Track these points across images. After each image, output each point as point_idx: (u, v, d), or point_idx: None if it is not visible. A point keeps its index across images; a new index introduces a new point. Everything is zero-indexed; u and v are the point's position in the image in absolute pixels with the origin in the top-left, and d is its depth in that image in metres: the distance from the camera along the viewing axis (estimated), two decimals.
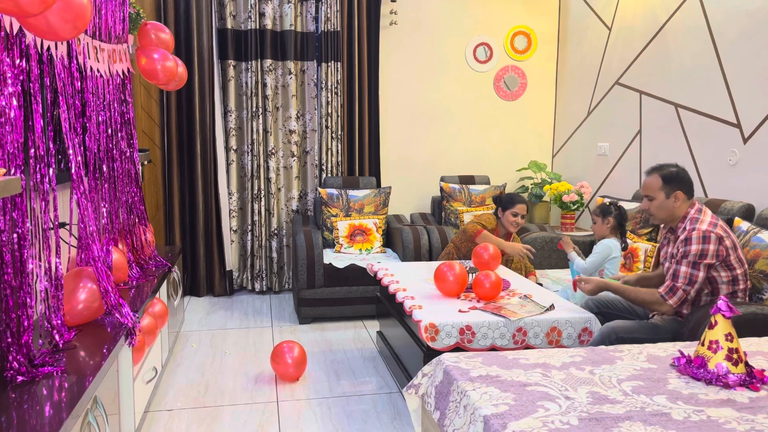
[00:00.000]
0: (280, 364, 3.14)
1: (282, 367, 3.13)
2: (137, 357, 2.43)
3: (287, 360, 3.12)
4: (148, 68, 3.17)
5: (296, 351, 3.16)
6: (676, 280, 2.47)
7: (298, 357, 3.15)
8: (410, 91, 5.17)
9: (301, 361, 3.16)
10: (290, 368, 3.13)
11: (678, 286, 2.46)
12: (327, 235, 4.60)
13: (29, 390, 1.71)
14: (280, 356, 3.14)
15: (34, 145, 1.94)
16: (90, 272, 2.31)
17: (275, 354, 3.16)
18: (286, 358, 3.13)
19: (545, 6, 5.29)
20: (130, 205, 3.17)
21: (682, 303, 2.48)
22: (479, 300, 2.86)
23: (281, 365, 3.13)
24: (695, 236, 2.43)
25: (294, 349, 3.16)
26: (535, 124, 5.43)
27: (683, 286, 2.45)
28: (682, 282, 2.45)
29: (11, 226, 1.81)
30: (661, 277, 2.81)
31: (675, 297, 2.47)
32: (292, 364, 3.12)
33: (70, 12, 1.68)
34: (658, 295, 2.50)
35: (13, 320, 1.82)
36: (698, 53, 3.73)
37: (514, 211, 3.64)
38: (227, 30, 4.62)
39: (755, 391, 1.75)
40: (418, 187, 5.26)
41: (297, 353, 3.15)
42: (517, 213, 3.64)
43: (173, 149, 4.65)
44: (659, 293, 2.50)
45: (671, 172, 2.56)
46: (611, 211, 3.25)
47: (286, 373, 3.14)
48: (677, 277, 2.46)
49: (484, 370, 1.89)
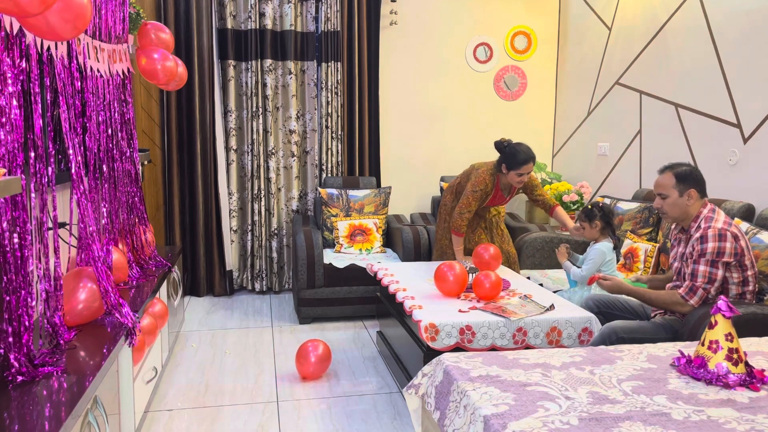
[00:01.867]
0: (304, 365, 3.16)
1: (305, 367, 3.16)
2: (137, 357, 2.43)
3: (311, 359, 3.15)
4: (148, 68, 3.17)
5: (321, 349, 3.18)
6: (696, 280, 2.46)
7: (322, 354, 3.17)
8: (410, 91, 5.16)
9: (325, 358, 3.19)
10: (311, 367, 3.15)
11: (698, 285, 2.45)
12: (327, 235, 4.60)
13: (29, 390, 1.71)
14: (304, 357, 3.16)
15: (34, 145, 1.94)
16: (90, 272, 2.31)
17: (299, 355, 3.18)
18: (310, 357, 3.15)
19: (545, 6, 5.29)
20: (130, 205, 3.17)
21: (703, 302, 2.46)
22: (479, 300, 2.86)
23: (305, 365, 3.15)
24: (711, 234, 2.43)
25: (318, 347, 3.18)
26: (535, 124, 5.43)
27: (703, 285, 2.44)
28: (701, 281, 2.44)
29: (12, 226, 1.81)
30: (668, 279, 2.82)
31: (696, 297, 2.46)
32: (315, 362, 3.15)
33: (70, 12, 1.68)
34: (678, 296, 2.49)
35: (14, 320, 1.82)
36: (698, 53, 3.72)
37: (519, 172, 3.39)
38: (227, 30, 4.62)
39: (755, 391, 1.75)
40: (418, 187, 5.26)
41: (322, 351, 3.18)
42: (522, 173, 3.40)
43: (173, 149, 4.65)
44: (680, 294, 2.49)
45: (684, 171, 2.56)
46: (595, 214, 3.24)
47: (308, 372, 3.16)
48: (696, 276, 2.45)
49: (484, 370, 1.89)
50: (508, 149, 3.42)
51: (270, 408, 2.89)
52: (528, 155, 3.39)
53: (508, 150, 3.42)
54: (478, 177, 3.50)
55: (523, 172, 3.39)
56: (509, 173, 3.43)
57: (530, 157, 3.39)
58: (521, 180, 3.42)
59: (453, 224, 3.52)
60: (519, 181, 3.43)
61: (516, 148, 3.41)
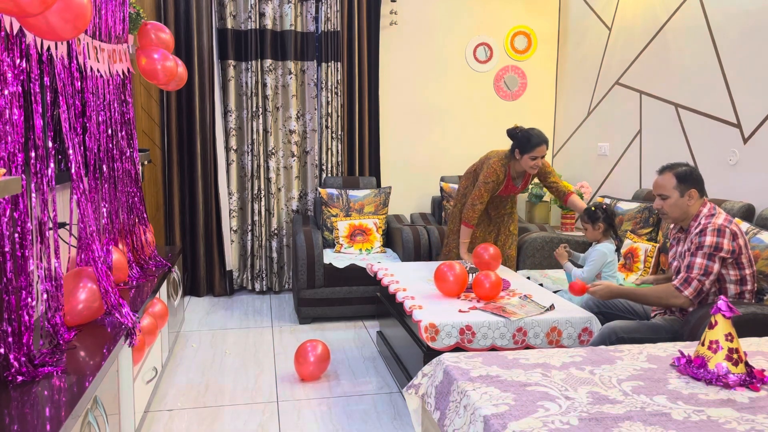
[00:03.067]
0: (303, 365, 3.15)
1: (304, 367, 3.15)
2: (137, 357, 2.43)
3: (310, 358, 3.14)
4: (148, 68, 3.17)
5: (320, 349, 3.18)
6: (691, 271, 2.46)
7: (321, 354, 3.17)
8: (410, 91, 5.17)
9: (324, 359, 3.18)
10: (311, 366, 3.15)
11: (693, 276, 2.45)
12: (327, 235, 4.60)
13: (29, 390, 1.71)
14: (303, 356, 3.16)
15: (34, 145, 1.94)
16: (90, 272, 2.31)
17: (298, 355, 3.17)
18: (309, 357, 3.14)
19: (545, 6, 5.29)
20: (130, 205, 3.17)
21: (698, 294, 2.46)
22: (479, 300, 2.86)
23: (304, 365, 3.15)
24: (710, 229, 2.44)
25: (317, 347, 3.18)
26: (535, 124, 5.40)
27: (698, 277, 2.44)
28: (696, 273, 2.44)
29: (12, 226, 1.81)
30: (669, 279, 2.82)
31: (690, 287, 2.45)
32: (314, 362, 3.15)
33: (70, 12, 1.68)
34: (672, 288, 2.49)
35: (14, 320, 1.82)
36: (698, 53, 3.72)
37: (533, 155, 3.38)
38: (227, 30, 4.62)
39: (755, 391, 1.75)
40: (418, 187, 5.26)
41: (320, 350, 3.17)
42: (536, 156, 3.39)
43: (173, 149, 4.65)
44: (674, 285, 2.49)
45: (684, 171, 2.56)
46: (599, 216, 3.24)
47: (307, 372, 3.15)
48: (692, 268, 2.46)
49: (484, 370, 1.89)
50: (521, 134, 3.45)
51: (270, 408, 2.89)
52: (541, 138, 3.40)
53: (521, 135, 3.45)
54: (490, 168, 3.51)
55: (536, 155, 3.39)
56: (523, 158, 3.43)
57: (543, 140, 3.40)
58: (535, 164, 3.42)
59: (464, 216, 3.54)
60: (533, 165, 3.42)
61: (529, 132, 3.43)
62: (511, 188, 3.62)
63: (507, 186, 3.59)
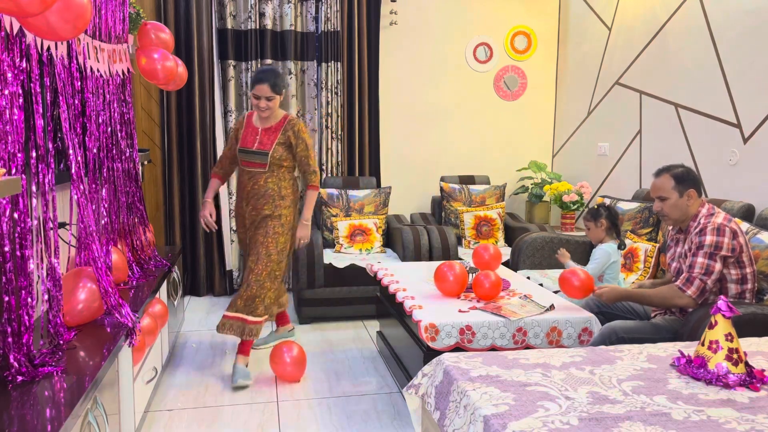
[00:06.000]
0: (279, 365, 3.14)
1: (281, 367, 3.13)
2: (137, 357, 2.43)
3: (286, 359, 3.12)
4: (148, 68, 3.17)
5: (295, 351, 3.16)
6: (692, 271, 2.46)
7: (297, 356, 3.14)
8: (410, 91, 5.16)
9: (300, 361, 3.16)
10: (288, 367, 3.12)
11: (694, 275, 2.45)
12: (327, 235, 4.60)
13: (29, 390, 1.71)
14: (278, 357, 3.14)
15: (35, 146, 1.94)
16: (90, 272, 2.31)
17: (274, 355, 3.16)
18: (284, 357, 3.13)
19: (545, 6, 5.29)
20: (130, 205, 3.17)
21: (701, 293, 2.46)
22: (479, 300, 2.86)
23: (280, 365, 3.13)
24: (710, 228, 2.44)
25: (293, 349, 3.16)
26: (535, 124, 5.43)
27: (700, 276, 2.45)
28: (698, 272, 2.45)
29: (12, 226, 1.81)
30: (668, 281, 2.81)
31: (693, 287, 2.46)
32: (290, 363, 3.12)
33: (70, 12, 1.68)
34: (675, 288, 2.50)
35: (14, 320, 1.82)
36: (698, 53, 3.73)
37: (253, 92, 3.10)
38: (227, 30, 4.62)
39: (755, 391, 1.75)
40: (418, 187, 5.26)
41: (296, 353, 3.15)
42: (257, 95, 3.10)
43: (173, 149, 4.65)
44: (677, 286, 2.49)
45: (681, 171, 2.57)
46: (601, 213, 3.24)
47: (284, 372, 3.14)
48: (693, 267, 2.46)
49: (484, 370, 1.89)
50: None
51: (270, 408, 2.89)
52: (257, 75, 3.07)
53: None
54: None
55: (257, 93, 3.09)
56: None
57: (257, 78, 3.04)
58: (258, 105, 3.12)
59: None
60: (255, 105, 3.13)
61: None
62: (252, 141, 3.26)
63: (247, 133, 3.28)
